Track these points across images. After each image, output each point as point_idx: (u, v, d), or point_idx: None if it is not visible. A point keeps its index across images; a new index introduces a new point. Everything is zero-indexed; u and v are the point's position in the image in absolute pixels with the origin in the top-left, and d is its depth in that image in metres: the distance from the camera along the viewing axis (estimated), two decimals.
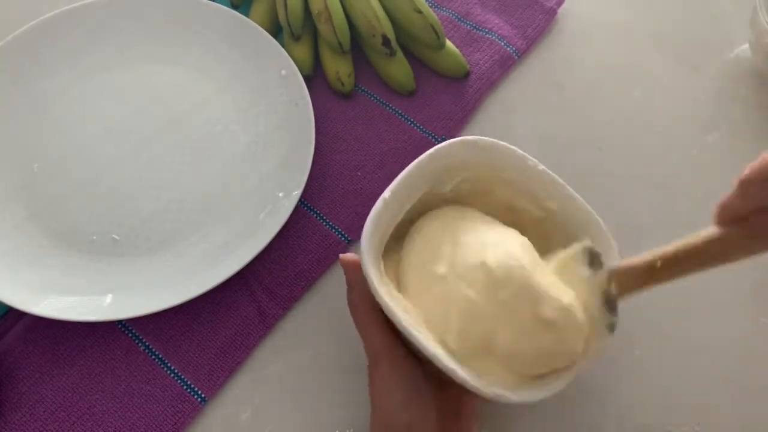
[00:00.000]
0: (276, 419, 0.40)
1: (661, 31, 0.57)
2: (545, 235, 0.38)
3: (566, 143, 0.51)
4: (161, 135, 0.49)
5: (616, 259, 0.35)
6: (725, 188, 0.49)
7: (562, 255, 0.35)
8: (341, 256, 0.36)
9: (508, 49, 0.55)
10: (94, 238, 0.44)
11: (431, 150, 0.37)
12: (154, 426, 0.39)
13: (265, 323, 0.43)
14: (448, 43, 0.52)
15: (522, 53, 0.55)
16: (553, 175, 0.38)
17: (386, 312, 0.32)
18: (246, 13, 0.53)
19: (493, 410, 0.40)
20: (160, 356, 0.41)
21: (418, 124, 0.51)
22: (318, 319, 0.43)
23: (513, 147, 0.38)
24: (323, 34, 0.50)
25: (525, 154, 0.38)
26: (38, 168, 0.47)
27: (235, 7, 0.55)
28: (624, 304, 0.37)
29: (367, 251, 0.33)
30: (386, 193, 0.35)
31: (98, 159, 0.47)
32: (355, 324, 0.35)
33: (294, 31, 0.50)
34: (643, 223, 0.47)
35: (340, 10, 0.50)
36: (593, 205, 0.37)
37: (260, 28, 0.50)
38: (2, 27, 0.50)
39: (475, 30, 0.56)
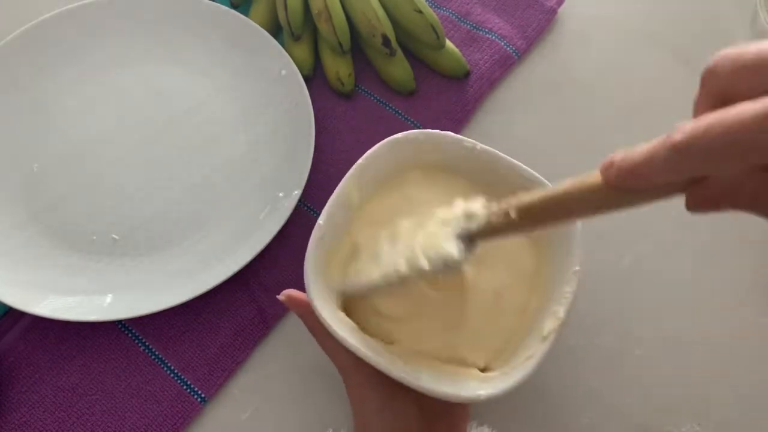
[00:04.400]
0: (276, 419, 0.40)
1: (661, 32, 0.57)
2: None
3: (566, 143, 0.51)
4: (161, 135, 0.49)
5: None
6: None
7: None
8: (280, 297, 0.36)
9: (508, 49, 0.55)
10: (94, 238, 0.44)
11: (359, 160, 0.37)
12: (154, 426, 0.39)
13: (265, 323, 0.43)
14: (448, 43, 0.52)
15: (522, 53, 0.55)
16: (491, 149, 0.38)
17: (325, 326, 0.33)
18: (246, 13, 0.53)
19: (492, 410, 0.40)
20: (160, 356, 0.41)
21: (418, 124, 0.51)
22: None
23: (444, 132, 0.39)
24: (323, 34, 0.50)
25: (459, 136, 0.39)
26: (38, 168, 0.47)
27: (235, 7, 0.54)
28: (624, 304, 0.37)
29: (309, 272, 0.34)
30: (320, 219, 0.35)
31: (98, 159, 0.47)
32: (321, 348, 0.35)
33: (294, 31, 0.50)
34: (642, 223, 0.47)
35: (340, 9, 0.50)
36: None
37: (260, 28, 0.50)
38: (2, 27, 0.50)
39: (475, 30, 0.56)
